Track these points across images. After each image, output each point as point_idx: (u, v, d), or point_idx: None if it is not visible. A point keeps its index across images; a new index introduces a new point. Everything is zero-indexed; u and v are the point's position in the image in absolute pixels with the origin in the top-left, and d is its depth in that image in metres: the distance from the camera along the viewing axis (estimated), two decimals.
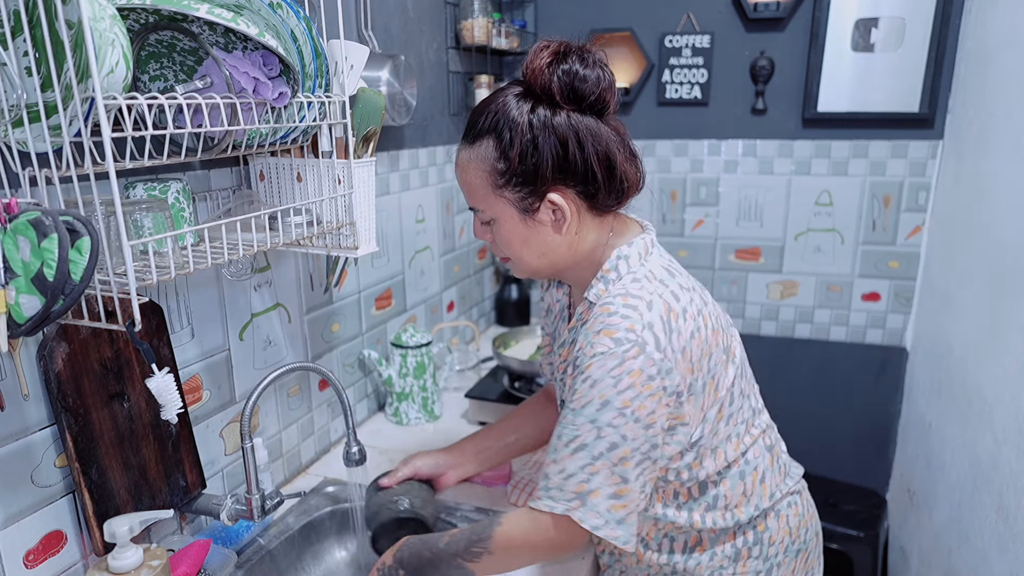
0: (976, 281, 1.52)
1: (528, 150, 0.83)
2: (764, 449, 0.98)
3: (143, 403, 0.97)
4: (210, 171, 1.07)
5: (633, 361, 0.80)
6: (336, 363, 1.45)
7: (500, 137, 0.84)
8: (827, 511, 2.01)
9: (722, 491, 0.94)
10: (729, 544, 0.97)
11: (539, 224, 0.88)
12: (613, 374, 0.80)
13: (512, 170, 0.84)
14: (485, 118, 0.86)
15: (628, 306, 0.83)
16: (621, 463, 0.82)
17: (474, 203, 0.91)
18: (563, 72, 0.82)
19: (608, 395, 0.81)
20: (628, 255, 0.89)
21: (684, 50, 2.00)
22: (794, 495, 1.02)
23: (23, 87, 0.68)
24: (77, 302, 0.71)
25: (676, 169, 2.13)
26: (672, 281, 0.88)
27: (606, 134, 0.85)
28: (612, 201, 0.89)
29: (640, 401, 0.81)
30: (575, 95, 0.83)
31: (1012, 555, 1.20)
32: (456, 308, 1.99)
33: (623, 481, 0.82)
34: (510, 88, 0.87)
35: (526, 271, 0.94)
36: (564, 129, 0.83)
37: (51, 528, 0.88)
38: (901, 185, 1.94)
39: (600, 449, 0.82)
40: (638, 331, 0.81)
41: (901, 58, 1.83)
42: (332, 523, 1.23)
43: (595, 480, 0.82)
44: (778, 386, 2.18)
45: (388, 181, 1.57)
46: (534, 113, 0.83)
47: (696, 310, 0.87)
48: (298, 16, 0.86)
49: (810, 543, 1.04)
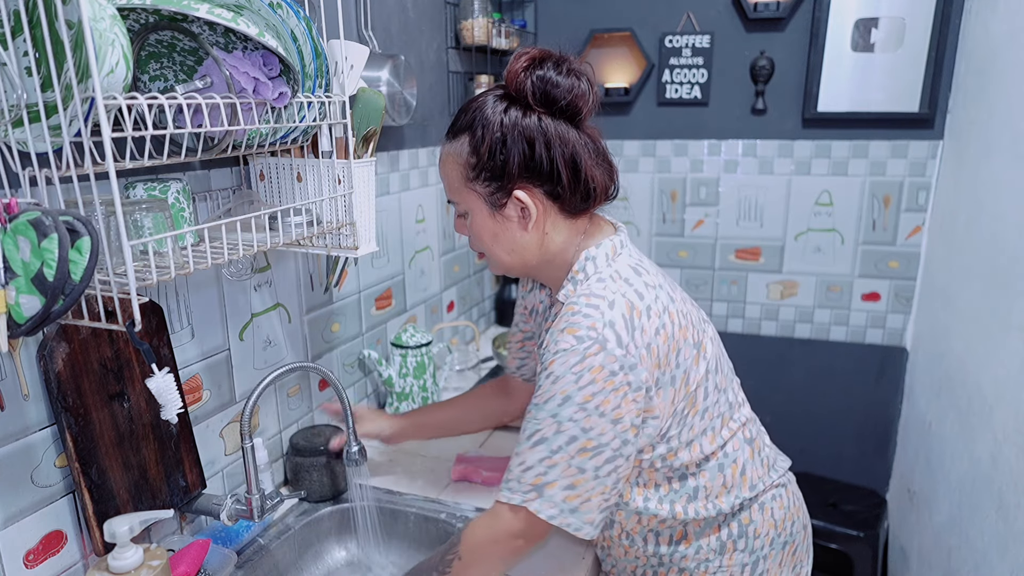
0: (976, 281, 1.52)
1: (497, 147, 0.87)
2: (744, 442, 1.00)
3: (143, 403, 0.97)
4: (210, 171, 1.07)
5: (594, 358, 0.82)
6: (336, 363, 1.45)
7: (474, 133, 0.89)
8: (827, 511, 2.01)
9: (702, 482, 0.96)
10: (714, 537, 0.98)
11: (507, 220, 0.91)
12: (574, 370, 0.82)
13: (482, 164, 0.89)
14: (465, 115, 0.91)
15: (590, 305, 0.86)
16: (579, 454, 0.84)
17: (450, 195, 0.96)
18: (537, 78, 0.86)
19: (569, 390, 0.83)
20: (595, 256, 0.92)
21: (684, 50, 2.00)
22: (779, 488, 1.03)
23: (23, 87, 0.68)
24: (77, 302, 0.71)
25: (676, 169, 2.13)
26: (637, 280, 0.90)
27: (575, 139, 0.89)
28: (580, 203, 0.92)
29: (603, 396, 0.82)
30: (547, 99, 0.87)
31: (1012, 555, 1.20)
32: (456, 308, 1.99)
33: (579, 472, 0.84)
34: (493, 91, 0.92)
35: (499, 267, 0.97)
36: (533, 130, 0.87)
37: (51, 528, 0.88)
38: (901, 185, 1.94)
39: (559, 443, 0.84)
40: (599, 329, 0.83)
41: (901, 58, 1.83)
42: (332, 523, 1.24)
43: (552, 472, 0.84)
44: (778, 386, 2.18)
45: (388, 181, 1.57)
46: (507, 113, 0.88)
47: (662, 307, 0.89)
48: (298, 16, 0.86)
49: (797, 536, 1.05)
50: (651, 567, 1.02)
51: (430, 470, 1.37)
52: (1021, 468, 1.20)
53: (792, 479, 1.08)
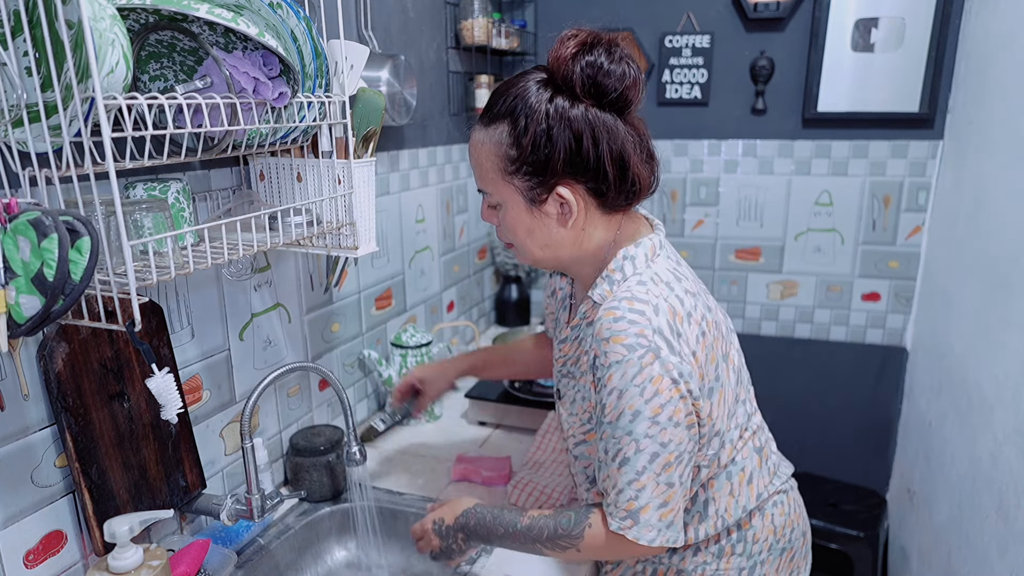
0: (976, 281, 1.52)
1: (541, 140, 0.81)
2: (753, 451, 0.98)
3: (143, 403, 0.97)
4: (210, 171, 1.07)
5: (651, 367, 0.79)
6: (336, 363, 1.45)
7: (515, 122, 0.83)
8: (827, 511, 2.01)
9: (711, 494, 0.94)
10: (714, 543, 0.97)
11: (545, 216, 0.87)
12: (636, 382, 0.79)
13: (523, 158, 0.83)
14: (504, 101, 0.84)
15: (635, 311, 0.81)
16: (664, 471, 0.81)
17: (483, 185, 0.90)
18: (587, 64, 0.80)
19: (636, 405, 0.80)
20: (635, 256, 0.88)
21: (684, 50, 2.00)
22: (781, 494, 1.02)
23: (23, 87, 0.68)
24: (77, 302, 0.71)
25: (676, 169, 2.13)
26: (678, 285, 0.87)
27: (623, 133, 0.83)
28: (622, 201, 0.88)
29: (673, 406, 0.80)
30: (597, 89, 0.81)
31: (1012, 555, 1.20)
32: (456, 308, 1.99)
33: (668, 487, 0.82)
34: (533, 74, 0.85)
35: (529, 260, 0.93)
36: (580, 123, 0.81)
37: (51, 528, 0.88)
38: (901, 185, 1.94)
39: (642, 463, 0.81)
40: (649, 336, 0.80)
41: (901, 58, 1.83)
42: (332, 523, 1.23)
43: (643, 496, 0.82)
44: (778, 386, 2.18)
45: (388, 181, 1.57)
46: (552, 103, 0.81)
47: (700, 316, 0.86)
48: (298, 16, 0.86)
49: (796, 543, 1.03)
50: (650, 568, 1.02)
51: (430, 470, 1.37)
52: (1021, 468, 1.20)
53: (794, 485, 1.07)
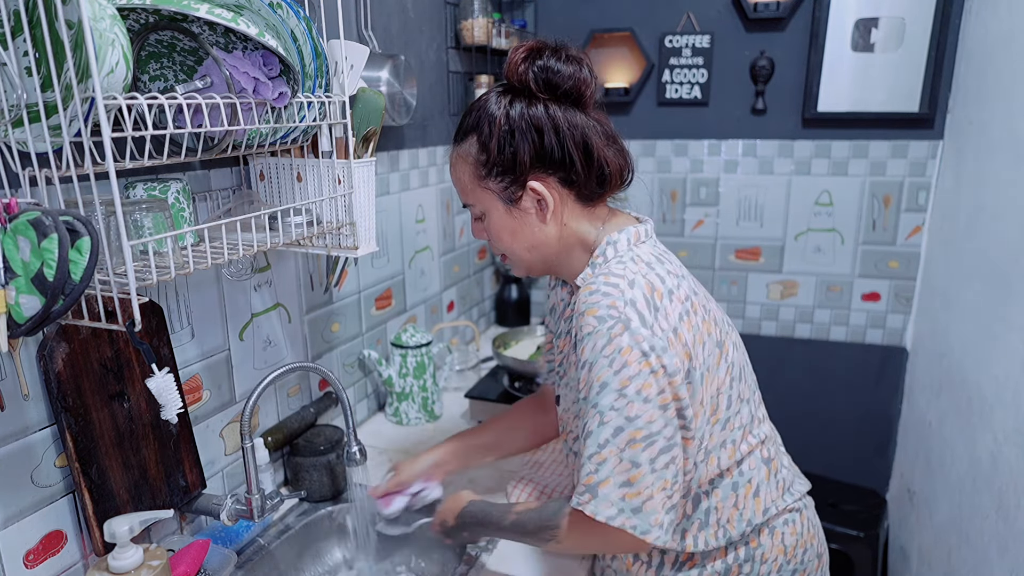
0: (976, 281, 1.52)
1: (506, 140, 0.86)
2: (761, 462, 0.96)
3: (143, 403, 0.97)
4: (210, 171, 1.07)
5: (620, 338, 0.78)
6: (336, 363, 1.45)
7: (481, 132, 0.88)
8: (827, 511, 2.01)
9: (713, 503, 0.92)
10: (720, 560, 0.95)
11: (524, 214, 0.89)
12: (605, 353, 0.79)
13: (492, 160, 0.87)
14: (470, 117, 0.90)
15: (609, 284, 0.83)
16: (630, 447, 0.79)
17: (464, 198, 0.93)
18: (538, 67, 0.85)
19: (604, 376, 0.79)
20: (617, 240, 0.89)
21: (684, 50, 2.00)
22: (793, 512, 0.98)
23: (23, 87, 0.68)
24: (77, 302, 0.71)
25: (676, 169, 2.13)
26: (659, 266, 0.87)
27: (583, 122, 0.86)
28: (596, 188, 0.89)
29: (642, 379, 0.78)
30: (550, 86, 0.85)
31: (1012, 555, 1.20)
32: (456, 308, 1.99)
33: (634, 466, 0.79)
34: (494, 89, 0.90)
35: (520, 266, 0.95)
36: (540, 118, 0.85)
37: (51, 528, 0.88)
38: (901, 185, 1.94)
39: (605, 435, 0.79)
40: (620, 307, 0.80)
41: (901, 58, 1.83)
42: (332, 523, 1.23)
43: (603, 469, 0.80)
44: (778, 386, 2.18)
45: (388, 181, 1.57)
46: (512, 106, 0.86)
47: (684, 295, 0.86)
48: (298, 16, 0.86)
49: (809, 564, 0.99)
50: None
51: None
52: (1021, 468, 1.20)
53: (810, 504, 1.03)
